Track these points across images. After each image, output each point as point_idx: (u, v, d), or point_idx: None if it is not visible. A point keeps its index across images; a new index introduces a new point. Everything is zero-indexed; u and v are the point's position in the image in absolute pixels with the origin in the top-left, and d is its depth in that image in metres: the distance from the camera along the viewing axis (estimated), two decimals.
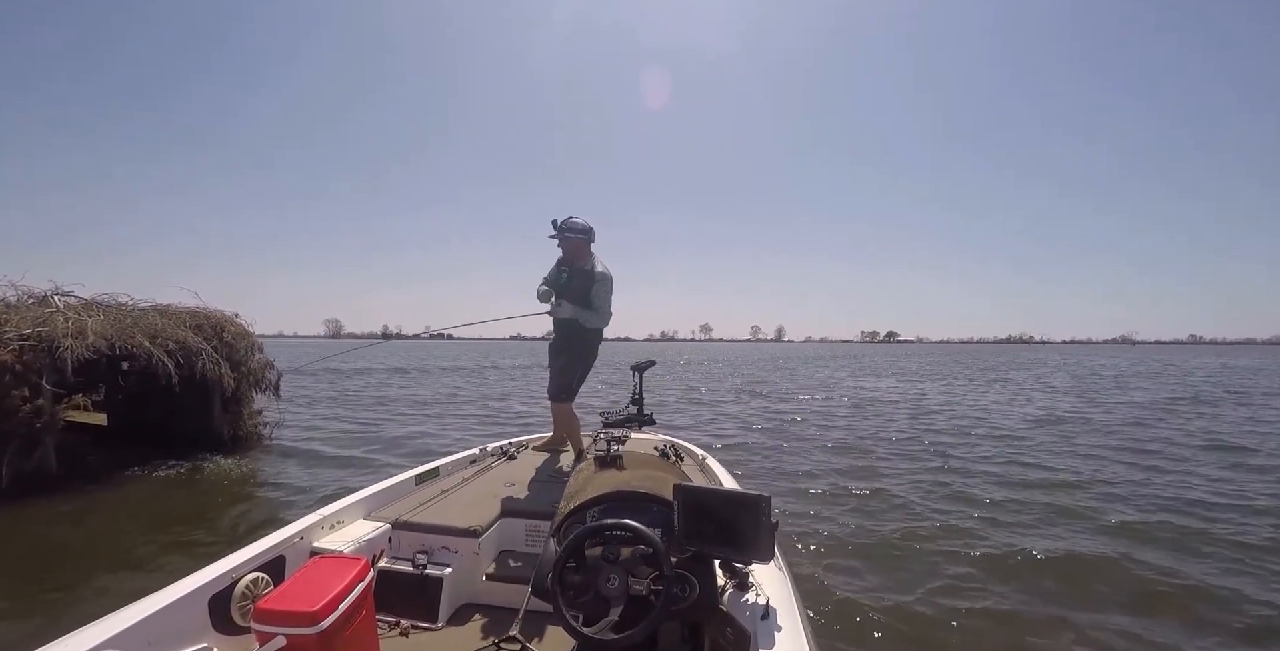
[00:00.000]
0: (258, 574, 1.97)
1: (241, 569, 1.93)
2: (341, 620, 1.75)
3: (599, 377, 18.37)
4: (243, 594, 1.89)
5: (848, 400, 15.26)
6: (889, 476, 6.68)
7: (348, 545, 2.29)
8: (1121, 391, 17.87)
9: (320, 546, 2.25)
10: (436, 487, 3.07)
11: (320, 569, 1.85)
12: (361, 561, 1.91)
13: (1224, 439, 9.06)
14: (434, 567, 2.36)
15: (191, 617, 1.75)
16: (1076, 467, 7.05)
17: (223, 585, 1.85)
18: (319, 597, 1.71)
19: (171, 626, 1.65)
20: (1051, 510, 5.36)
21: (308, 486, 6.11)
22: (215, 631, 1.80)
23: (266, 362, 8.30)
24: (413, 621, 2.23)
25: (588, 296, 3.44)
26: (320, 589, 1.75)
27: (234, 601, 1.86)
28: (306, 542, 2.26)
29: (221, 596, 1.84)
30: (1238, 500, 5.62)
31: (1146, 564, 4.09)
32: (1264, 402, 14.54)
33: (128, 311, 7.33)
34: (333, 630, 1.71)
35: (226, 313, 8.13)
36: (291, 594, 1.72)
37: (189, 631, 1.72)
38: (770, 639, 1.44)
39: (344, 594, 1.78)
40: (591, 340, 3.70)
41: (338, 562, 1.89)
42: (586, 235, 3.41)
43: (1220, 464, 7.36)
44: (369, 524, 2.52)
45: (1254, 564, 4.07)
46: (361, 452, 7.97)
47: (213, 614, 1.80)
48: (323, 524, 2.37)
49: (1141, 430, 10.00)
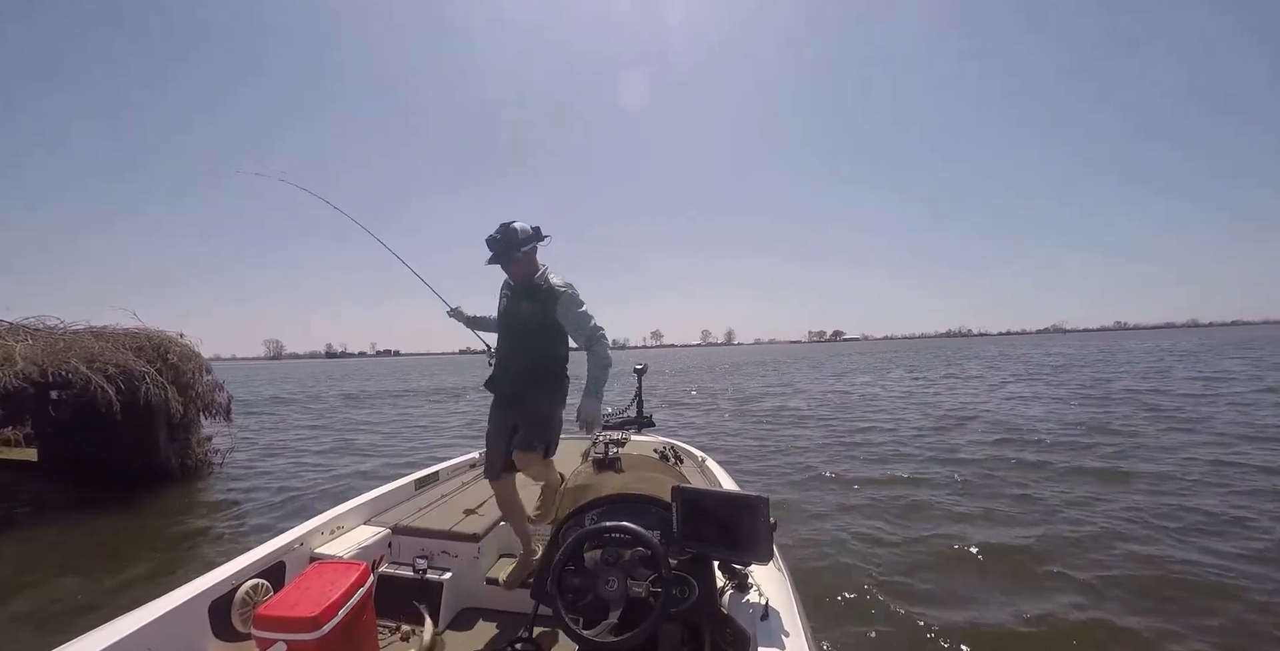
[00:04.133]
0: (258, 580, 1.95)
1: (242, 575, 1.91)
2: (342, 625, 1.76)
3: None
4: (243, 600, 1.87)
5: (838, 400, 15.17)
6: (891, 481, 6.58)
7: (348, 550, 2.28)
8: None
9: (320, 552, 2.24)
10: (436, 492, 3.08)
11: (320, 574, 1.85)
12: (361, 566, 1.92)
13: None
14: (434, 572, 2.37)
15: (192, 624, 1.72)
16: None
17: (223, 591, 1.83)
18: (319, 603, 1.72)
19: (172, 633, 1.63)
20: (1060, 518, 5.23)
21: (263, 523, 5.64)
22: (216, 638, 1.78)
23: (215, 384, 7.88)
24: (413, 626, 2.23)
25: (552, 320, 2.37)
26: (320, 594, 1.76)
27: (234, 608, 1.84)
28: (306, 548, 2.25)
29: (222, 602, 1.82)
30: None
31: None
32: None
33: (60, 335, 6.88)
34: (333, 635, 1.72)
35: (170, 333, 7.70)
36: (292, 600, 1.72)
37: (189, 638, 1.70)
38: (770, 640, 1.45)
39: (344, 599, 1.79)
40: (561, 370, 2.52)
41: (338, 568, 1.89)
42: (534, 241, 2.36)
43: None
44: (369, 529, 2.52)
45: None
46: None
47: (213, 620, 1.78)
48: (323, 529, 2.36)
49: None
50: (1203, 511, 4.90)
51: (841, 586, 3.76)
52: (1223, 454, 6.98)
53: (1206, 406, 10.96)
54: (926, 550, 4.41)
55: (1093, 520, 4.89)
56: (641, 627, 1.44)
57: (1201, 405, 11.15)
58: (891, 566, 4.11)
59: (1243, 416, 9.60)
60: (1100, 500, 5.40)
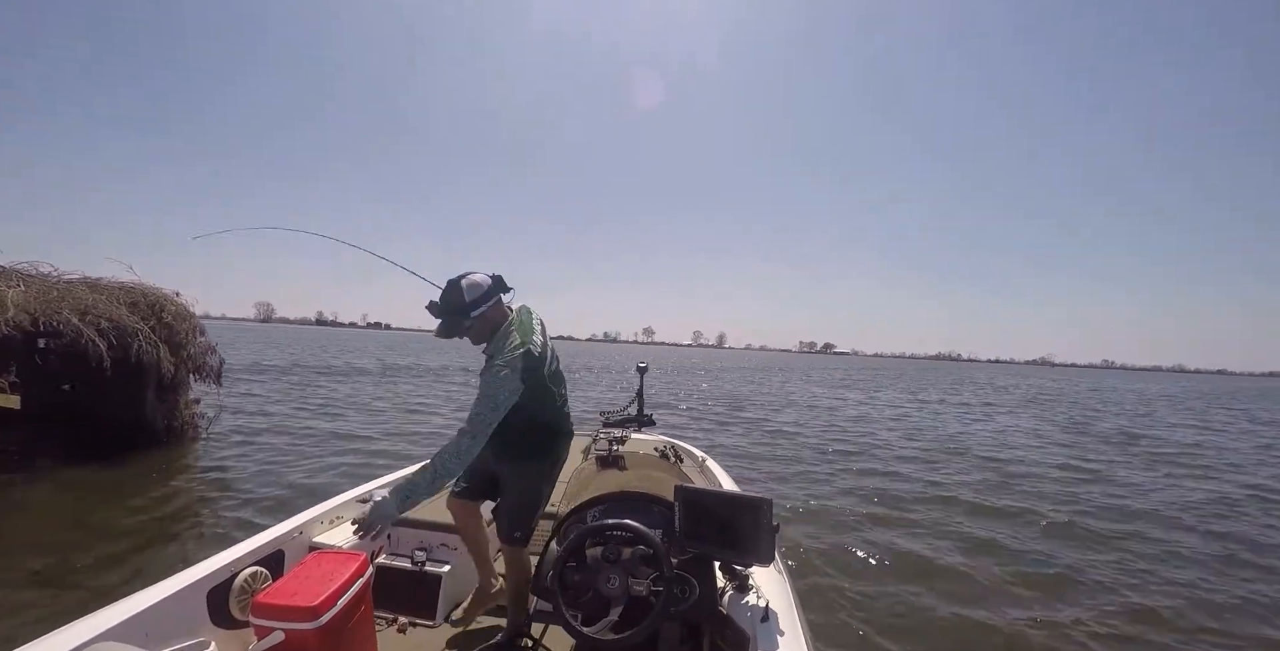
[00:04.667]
0: (257, 568, 1.94)
1: (241, 563, 1.90)
2: (340, 616, 1.74)
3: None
4: (242, 588, 1.86)
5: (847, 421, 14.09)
6: (893, 488, 6.75)
7: (347, 541, 2.27)
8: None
9: (319, 542, 2.23)
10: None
11: (319, 564, 1.84)
12: (361, 557, 1.91)
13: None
14: (433, 565, 2.36)
15: (190, 610, 1.71)
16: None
17: (221, 578, 1.82)
18: (318, 593, 1.71)
19: (169, 619, 1.61)
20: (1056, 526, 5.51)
21: (252, 490, 5.66)
22: (213, 625, 1.77)
23: (208, 347, 7.78)
24: (411, 618, 2.23)
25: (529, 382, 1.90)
26: (319, 584, 1.75)
27: (233, 595, 1.83)
28: (306, 538, 2.24)
29: (220, 590, 1.81)
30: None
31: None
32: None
33: (53, 283, 6.75)
34: (331, 625, 1.70)
35: (165, 290, 7.58)
36: (290, 589, 1.71)
37: (187, 624, 1.68)
38: (770, 641, 1.47)
39: (343, 590, 1.78)
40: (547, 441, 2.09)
41: (337, 558, 1.88)
42: (490, 299, 1.89)
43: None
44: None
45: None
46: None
47: (211, 607, 1.77)
48: (322, 519, 2.34)
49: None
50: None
51: (842, 590, 3.81)
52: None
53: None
54: (928, 556, 4.49)
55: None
56: (642, 626, 1.45)
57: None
58: (893, 573, 4.18)
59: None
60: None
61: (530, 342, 1.87)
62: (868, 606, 3.62)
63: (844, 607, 3.59)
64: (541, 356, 1.91)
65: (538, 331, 1.96)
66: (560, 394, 2.04)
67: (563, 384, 2.08)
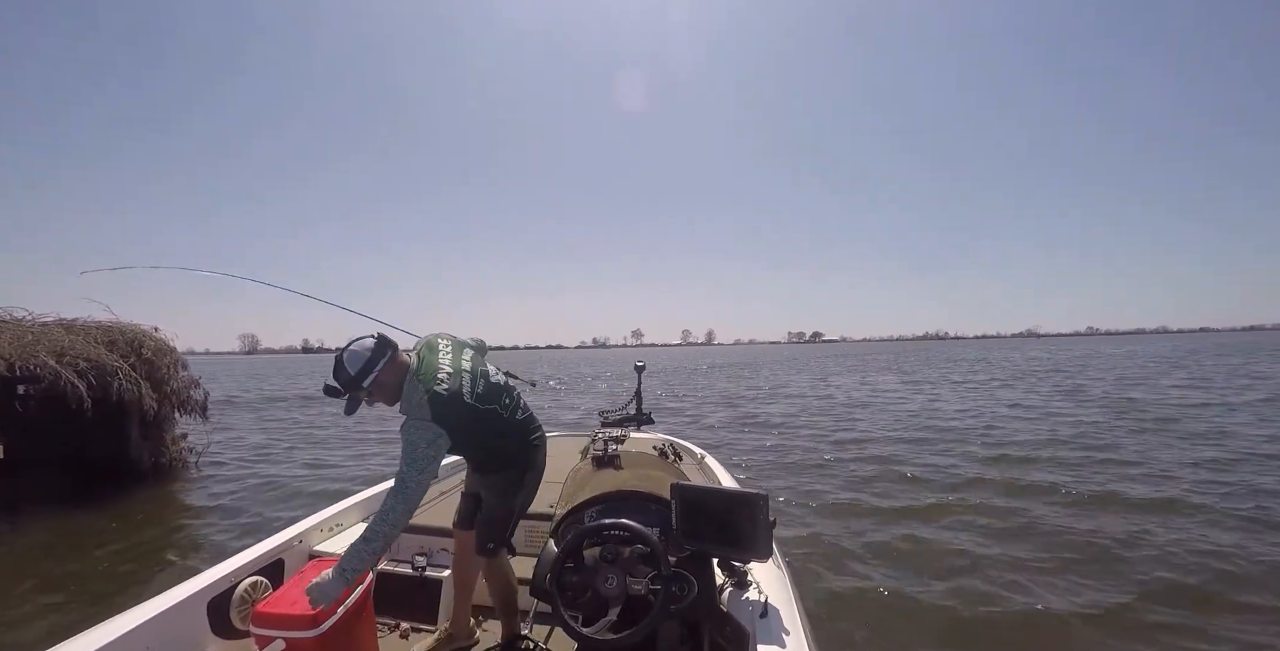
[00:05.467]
0: (257, 577, 1.94)
1: (241, 572, 1.90)
2: (341, 623, 1.75)
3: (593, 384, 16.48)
4: (242, 597, 1.86)
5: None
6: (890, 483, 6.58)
7: (347, 548, 2.24)
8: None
9: (319, 550, 2.23)
10: (435, 489, 3.04)
11: (319, 572, 1.83)
12: None
13: None
14: (433, 569, 2.35)
15: (190, 621, 1.71)
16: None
17: (222, 588, 1.82)
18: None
19: (170, 630, 1.62)
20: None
21: (241, 523, 5.44)
22: (214, 635, 1.77)
23: (192, 381, 7.69)
24: (412, 623, 2.22)
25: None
26: None
27: (233, 605, 1.83)
28: (305, 546, 2.23)
29: (220, 600, 1.81)
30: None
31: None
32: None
33: (27, 327, 6.64)
34: (332, 633, 1.71)
35: (144, 326, 7.49)
36: (291, 597, 1.71)
37: (188, 635, 1.68)
38: (769, 637, 1.47)
39: (343, 597, 1.78)
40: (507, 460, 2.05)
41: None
42: (378, 363, 1.76)
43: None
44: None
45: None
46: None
47: (212, 618, 1.77)
48: (321, 527, 2.34)
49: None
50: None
51: (841, 584, 3.78)
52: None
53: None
54: (927, 548, 4.41)
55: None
56: (641, 625, 1.45)
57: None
58: (892, 566, 4.12)
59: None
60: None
61: (434, 384, 1.76)
62: (868, 600, 3.59)
63: (844, 601, 3.56)
64: (454, 389, 1.79)
65: (445, 363, 1.84)
66: (504, 405, 1.95)
67: (502, 394, 1.96)
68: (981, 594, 3.67)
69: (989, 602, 3.56)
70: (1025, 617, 3.37)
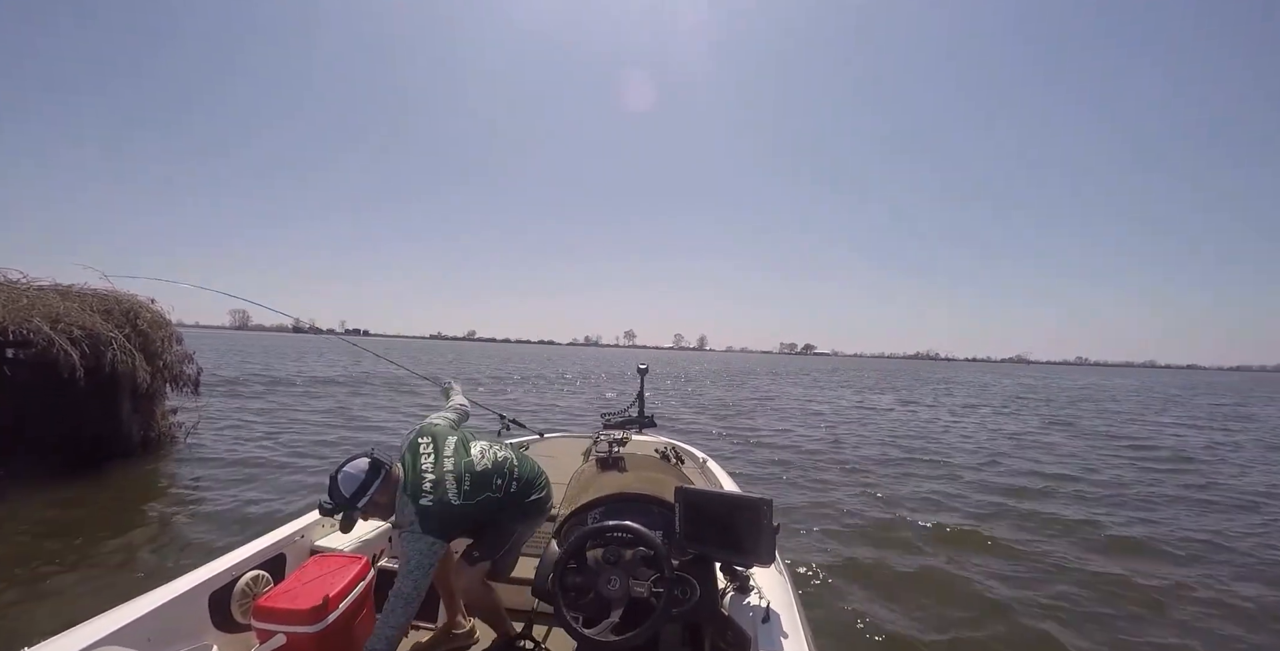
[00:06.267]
0: (258, 571, 1.93)
1: (242, 566, 1.89)
2: (342, 619, 1.75)
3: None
4: (243, 591, 1.85)
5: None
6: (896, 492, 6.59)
7: (348, 544, 2.26)
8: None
9: (321, 545, 2.22)
10: None
11: (321, 567, 1.84)
12: (362, 560, 1.91)
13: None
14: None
15: (192, 614, 1.70)
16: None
17: (223, 582, 1.82)
18: (319, 596, 1.72)
19: (172, 623, 1.61)
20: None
21: (230, 507, 5.31)
22: (216, 628, 1.76)
23: (185, 355, 7.59)
24: (413, 621, 2.20)
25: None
26: (321, 587, 1.76)
27: (234, 599, 1.83)
28: (307, 541, 2.23)
29: (222, 593, 1.80)
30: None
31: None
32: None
33: (22, 290, 6.53)
34: (333, 628, 1.71)
35: (141, 297, 7.39)
36: (292, 592, 1.71)
37: (189, 628, 1.67)
38: (771, 642, 1.48)
39: (344, 592, 1.79)
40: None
41: (338, 561, 1.89)
42: (372, 485, 1.74)
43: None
44: (370, 523, 2.46)
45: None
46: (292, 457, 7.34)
47: (213, 611, 1.77)
48: (323, 522, 2.31)
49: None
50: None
51: (842, 590, 3.78)
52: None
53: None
54: (928, 556, 4.43)
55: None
56: (643, 627, 1.45)
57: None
58: (892, 572, 4.15)
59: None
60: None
61: (419, 498, 1.75)
62: (870, 606, 3.60)
63: (846, 607, 3.56)
64: (441, 498, 1.77)
65: (427, 469, 1.82)
66: (497, 486, 1.91)
67: (493, 477, 1.90)
68: (982, 602, 3.70)
69: (990, 612, 3.58)
70: (1027, 623, 3.40)
